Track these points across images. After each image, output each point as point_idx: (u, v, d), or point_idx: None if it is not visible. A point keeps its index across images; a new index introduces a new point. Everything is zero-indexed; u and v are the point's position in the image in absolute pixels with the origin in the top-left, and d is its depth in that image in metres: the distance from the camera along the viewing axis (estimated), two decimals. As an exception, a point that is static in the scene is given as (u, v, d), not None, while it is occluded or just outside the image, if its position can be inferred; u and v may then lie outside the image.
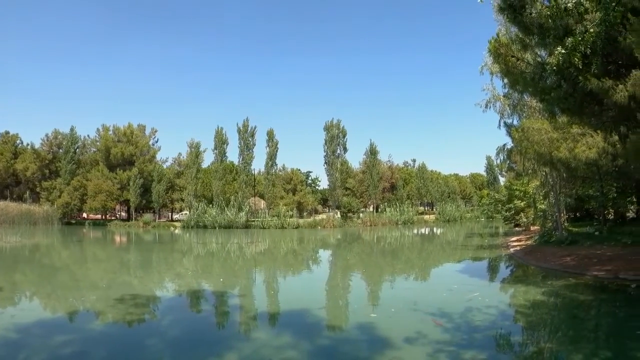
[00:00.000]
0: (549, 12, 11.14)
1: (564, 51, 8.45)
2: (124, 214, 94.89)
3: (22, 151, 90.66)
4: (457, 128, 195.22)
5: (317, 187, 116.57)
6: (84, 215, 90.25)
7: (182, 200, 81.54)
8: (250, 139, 77.87)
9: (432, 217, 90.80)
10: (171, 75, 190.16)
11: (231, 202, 73.14)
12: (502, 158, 36.69)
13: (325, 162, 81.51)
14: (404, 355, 9.33)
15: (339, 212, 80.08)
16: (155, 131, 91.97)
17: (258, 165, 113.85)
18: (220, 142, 79.01)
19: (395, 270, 26.31)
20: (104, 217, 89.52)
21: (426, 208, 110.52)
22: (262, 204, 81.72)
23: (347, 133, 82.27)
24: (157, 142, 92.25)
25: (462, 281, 19.46)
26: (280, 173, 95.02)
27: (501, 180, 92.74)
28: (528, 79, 15.23)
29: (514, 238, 38.66)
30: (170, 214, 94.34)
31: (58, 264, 30.29)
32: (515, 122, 29.80)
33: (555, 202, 30.50)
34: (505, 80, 21.16)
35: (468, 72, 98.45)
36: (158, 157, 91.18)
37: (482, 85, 32.22)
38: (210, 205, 74.50)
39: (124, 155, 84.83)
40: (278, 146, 79.58)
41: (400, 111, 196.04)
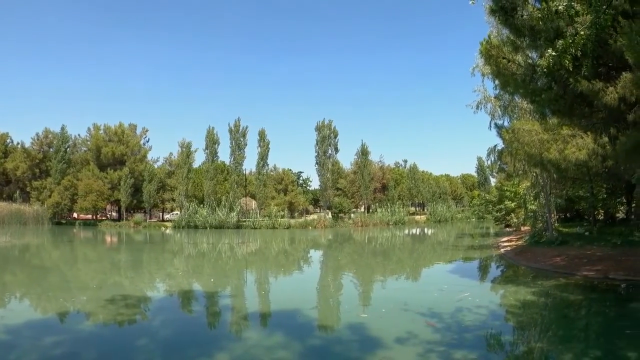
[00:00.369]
0: (540, 15, 11.18)
1: (554, 53, 8.49)
2: (114, 214, 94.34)
3: (12, 150, 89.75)
4: (449, 129, 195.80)
5: (308, 188, 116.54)
6: (75, 215, 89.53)
7: (173, 200, 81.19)
8: (242, 139, 77.67)
9: (423, 217, 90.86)
10: (162, 75, 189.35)
11: (222, 202, 72.84)
12: (492, 159, 36.82)
13: (317, 163, 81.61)
14: (395, 355, 9.35)
15: (330, 213, 79.99)
16: (147, 131, 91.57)
17: (249, 165, 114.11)
18: (212, 142, 78.73)
19: (386, 270, 26.34)
20: (94, 217, 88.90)
21: (417, 208, 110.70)
22: (254, 204, 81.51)
23: (339, 133, 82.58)
24: (148, 141, 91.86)
25: (452, 281, 19.54)
26: (272, 173, 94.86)
27: (492, 181, 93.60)
28: (519, 81, 15.32)
29: (505, 238, 38.83)
30: (161, 214, 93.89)
31: (48, 264, 30.07)
32: (506, 124, 29.93)
33: (545, 202, 30.68)
34: (497, 81, 21.23)
35: (459, 73, 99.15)
36: (149, 156, 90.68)
37: (474, 86, 32.40)
38: (202, 206, 74.15)
39: (115, 154, 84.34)
40: (269, 146, 79.56)
41: (391, 112, 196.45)
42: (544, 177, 29.59)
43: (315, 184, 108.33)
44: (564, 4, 8.40)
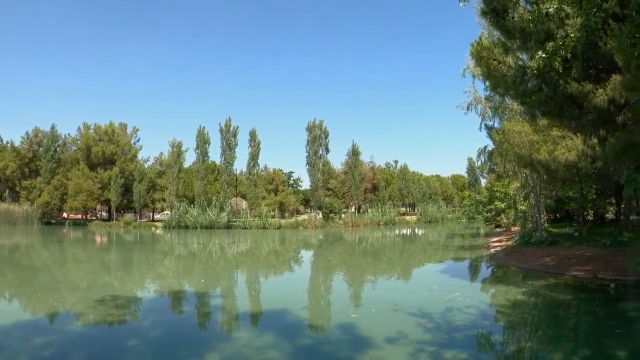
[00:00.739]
0: (530, 17, 11.26)
1: (545, 55, 8.53)
2: (104, 214, 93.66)
3: (2, 149, 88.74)
4: (439, 130, 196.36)
5: (299, 188, 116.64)
6: (64, 215, 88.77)
7: (164, 200, 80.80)
8: (233, 139, 77.33)
9: (414, 218, 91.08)
10: (153, 75, 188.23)
11: (213, 203, 72.55)
12: (483, 160, 37.02)
13: (307, 163, 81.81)
14: (385, 355, 9.37)
15: (320, 213, 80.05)
16: (137, 130, 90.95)
17: (240, 165, 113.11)
18: (202, 142, 78.32)
19: (376, 270, 26.40)
20: (84, 217, 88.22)
21: (408, 209, 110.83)
22: (244, 204, 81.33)
23: (330, 134, 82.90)
24: (138, 141, 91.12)
25: (443, 281, 19.60)
26: (262, 173, 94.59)
27: (482, 181, 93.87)
28: (509, 82, 15.42)
29: (495, 239, 39.03)
30: (151, 214, 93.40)
31: (38, 264, 29.84)
32: (496, 125, 30.11)
33: (535, 203, 30.85)
34: (487, 83, 21.40)
35: (450, 74, 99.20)
36: (139, 156, 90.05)
37: (464, 87, 32.62)
38: (192, 206, 73.81)
39: (105, 154, 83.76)
40: (260, 146, 79.49)
41: (382, 112, 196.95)
42: (534, 178, 29.76)
43: (305, 184, 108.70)
44: (555, 6, 8.46)
